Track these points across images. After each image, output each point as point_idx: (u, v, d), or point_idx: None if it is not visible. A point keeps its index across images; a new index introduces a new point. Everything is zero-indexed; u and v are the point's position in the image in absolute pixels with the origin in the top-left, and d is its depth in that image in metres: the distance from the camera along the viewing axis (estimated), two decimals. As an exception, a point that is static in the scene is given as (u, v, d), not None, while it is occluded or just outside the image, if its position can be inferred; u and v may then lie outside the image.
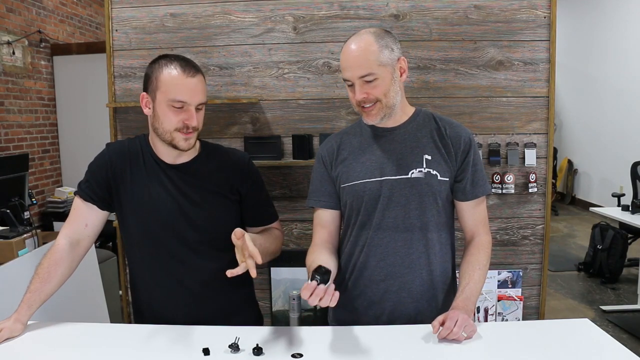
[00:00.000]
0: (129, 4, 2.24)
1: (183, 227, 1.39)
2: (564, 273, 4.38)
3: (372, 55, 1.27)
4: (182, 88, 1.29)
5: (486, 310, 2.26)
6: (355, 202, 1.37)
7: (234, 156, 1.48)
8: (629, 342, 3.02)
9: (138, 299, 1.49)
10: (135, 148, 1.42)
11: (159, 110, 1.32)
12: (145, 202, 1.38)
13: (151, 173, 1.39)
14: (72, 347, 1.24)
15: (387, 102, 1.31)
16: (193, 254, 1.40)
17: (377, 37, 1.29)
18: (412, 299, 1.36)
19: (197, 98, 1.31)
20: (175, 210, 1.38)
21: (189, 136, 1.33)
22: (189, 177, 1.40)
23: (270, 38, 2.23)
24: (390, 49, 1.30)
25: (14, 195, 2.61)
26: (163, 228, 1.38)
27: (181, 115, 1.30)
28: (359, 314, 1.40)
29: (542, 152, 2.24)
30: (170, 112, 1.30)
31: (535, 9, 2.17)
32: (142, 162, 1.40)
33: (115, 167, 1.40)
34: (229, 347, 1.19)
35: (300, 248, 2.30)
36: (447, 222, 1.40)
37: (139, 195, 1.39)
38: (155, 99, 1.32)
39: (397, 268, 1.35)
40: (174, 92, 1.29)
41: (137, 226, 1.40)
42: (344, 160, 1.40)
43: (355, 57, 1.28)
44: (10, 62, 4.58)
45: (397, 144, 1.37)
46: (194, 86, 1.30)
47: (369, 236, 1.36)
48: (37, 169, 4.94)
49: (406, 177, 1.33)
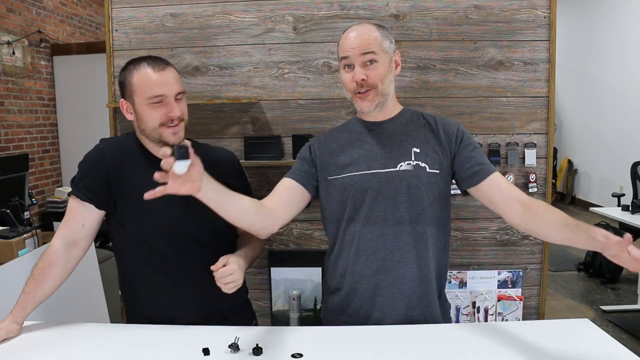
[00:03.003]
0: (129, 4, 2.24)
1: (185, 225, 1.39)
2: (564, 273, 4.38)
3: (376, 39, 1.34)
4: (155, 83, 1.32)
5: (486, 310, 2.26)
6: (343, 194, 1.37)
7: (222, 154, 1.54)
8: (629, 342, 3.02)
9: (133, 300, 1.48)
10: (131, 144, 1.42)
11: (140, 112, 1.34)
12: (146, 200, 1.38)
13: (147, 170, 1.39)
14: (72, 347, 1.24)
15: (382, 90, 1.35)
16: (196, 249, 1.41)
17: (378, 27, 1.37)
18: (403, 294, 1.35)
19: (173, 88, 1.34)
20: (176, 208, 1.37)
21: (176, 129, 1.34)
22: None
23: (270, 38, 2.23)
24: (389, 40, 1.38)
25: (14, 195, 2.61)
26: (164, 226, 1.38)
27: (162, 109, 1.32)
28: (352, 310, 1.40)
29: (542, 152, 2.24)
30: (150, 109, 1.32)
31: (535, 9, 2.17)
32: (138, 159, 1.40)
33: (113, 162, 1.38)
34: (228, 347, 1.19)
35: (300, 248, 2.30)
36: (439, 217, 1.38)
37: (140, 193, 1.38)
38: (134, 103, 1.35)
39: (387, 262, 1.35)
40: (149, 89, 1.32)
41: (137, 225, 1.39)
42: (332, 152, 1.42)
43: (360, 36, 1.33)
44: (10, 62, 4.59)
45: (386, 138, 1.38)
46: (167, 78, 1.33)
47: (357, 230, 1.36)
48: (37, 169, 4.94)
49: (395, 169, 1.34)
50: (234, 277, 1.26)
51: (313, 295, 2.30)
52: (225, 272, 1.25)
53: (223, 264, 1.27)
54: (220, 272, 1.25)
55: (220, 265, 1.26)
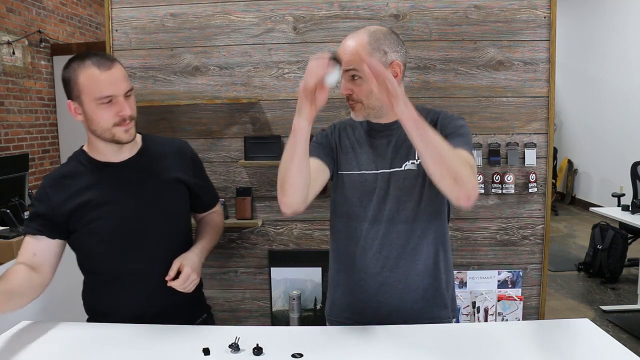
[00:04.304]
0: (129, 4, 2.25)
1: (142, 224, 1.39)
2: (564, 273, 4.38)
3: (362, 52, 1.28)
4: (103, 83, 1.29)
5: (486, 310, 2.26)
6: (351, 193, 1.39)
7: (175, 143, 1.53)
8: (629, 342, 3.02)
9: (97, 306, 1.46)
10: (70, 168, 1.40)
11: (90, 112, 1.31)
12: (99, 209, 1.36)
13: (96, 181, 1.38)
14: (71, 347, 1.24)
15: (368, 104, 1.32)
16: (154, 247, 1.40)
17: (371, 38, 1.29)
18: (408, 290, 1.36)
19: (122, 86, 1.32)
20: (132, 210, 1.38)
21: (127, 127, 1.33)
22: (135, 174, 1.40)
23: (270, 38, 2.23)
24: (382, 52, 1.29)
25: (14, 195, 2.61)
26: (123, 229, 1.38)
27: (112, 108, 1.31)
28: (357, 307, 1.40)
29: (542, 152, 2.24)
30: (101, 110, 1.30)
31: (535, 9, 2.17)
32: (83, 176, 1.38)
33: (53, 198, 1.36)
34: (229, 347, 1.19)
35: (300, 248, 2.30)
36: (441, 213, 1.40)
37: (90, 207, 1.36)
38: (82, 103, 1.31)
39: (392, 260, 1.36)
40: (98, 90, 1.29)
41: (95, 236, 1.38)
42: (344, 147, 1.43)
43: (345, 51, 1.31)
44: (10, 62, 4.58)
45: (392, 139, 1.39)
46: (114, 77, 1.30)
47: (364, 228, 1.37)
48: (37, 169, 4.94)
49: (400, 169, 1.35)
50: (191, 278, 1.33)
51: (313, 295, 2.30)
52: (182, 281, 1.32)
53: (177, 270, 1.33)
54: (177, 282, 1.32)
55: (174, 273, 1.32)
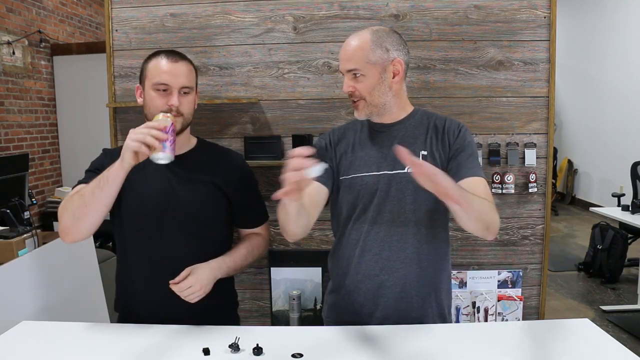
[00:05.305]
0: (129, 4, 2.24)
1: (173, 215, 1.41)
2: (564, 273, 4.38)
3: (362, 52, 1.31)
4: (163, 71, 1.37)
5: (486, 310, 2.26)
6: (351, 195, 1.38)
7: (228, 155, 1.55)
8: (629, 342, 3.02)
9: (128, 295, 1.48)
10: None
11: (146, 97, 1.40)
12: (138, 193, 1.41)
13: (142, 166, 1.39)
14: (72, 347, 1.24)
15: (371, 101, 1.34)
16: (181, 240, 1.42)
17: (374, 36, 1.33)
18: (406, 294, 1.36)
19: (179, 81, 1.38)
20: (165, 200, 1.41)
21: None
22: (181, 170, 1.43)
23: (270, 38, 2.23)
24: (384, 49, 1.32)
25: (14, 195, 2.61)
26: (153, 217, 1.40)
27: (165, 98, 1.37)
28: (354, 309, 1.40)
29: (542, 152, 2.24)
30: (155, 95, 1.37)
31: (535, 9, 2.17)
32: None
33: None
34: (229, 347, 1.19)
35: (300, 248, 2.30)
36: (442, 218, 1.39)
37: (133, 187, 1.40)
38: (144, 88, 1.40)
39: (392, 262, 1.36)
40: (157, 76, 1.37)
41: (128, 218, 1.43)
42: (343, 153, 1.43)
43: (347, 51, 1.34)
44: (10, 62, 4.59)
45: (395, 140, 1.38)
46: (176, 70, 1.38)
47: (364, 230, 1.37)
48: (37, 169, 4.94)
49: (403, 171, 1.34)
50: (192, 289, 1.32)
51: (313, 295, 2.30)
52: (182, 287, 1.32)
53: (184, 277, 1.33)
54: (178, 287, 1.32)
55: (181, 278, 1.33)
